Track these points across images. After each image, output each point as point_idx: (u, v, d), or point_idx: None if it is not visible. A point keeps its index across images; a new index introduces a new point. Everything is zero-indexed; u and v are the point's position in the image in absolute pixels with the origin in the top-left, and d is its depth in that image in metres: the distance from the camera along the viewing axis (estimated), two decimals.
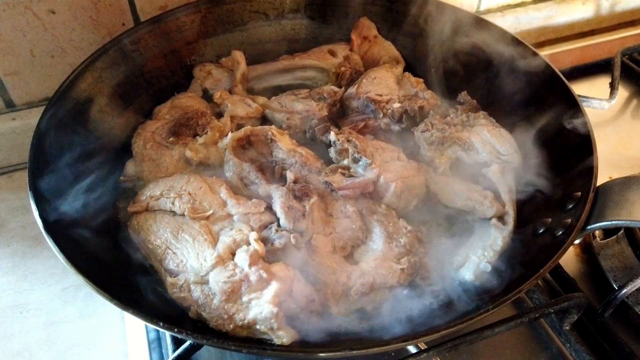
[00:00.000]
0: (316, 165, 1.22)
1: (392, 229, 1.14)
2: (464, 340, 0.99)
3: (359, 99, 1.40)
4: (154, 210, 1.15)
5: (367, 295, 1.05)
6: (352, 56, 1.54)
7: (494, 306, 0.91)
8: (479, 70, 1.45)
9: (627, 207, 1.02)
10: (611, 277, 1.23)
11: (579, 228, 1.02)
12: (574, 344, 1.13)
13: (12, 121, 1.51)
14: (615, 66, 1.71)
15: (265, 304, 0.94)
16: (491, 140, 1.30)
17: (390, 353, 1.10)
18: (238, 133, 1.25)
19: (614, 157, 1.57)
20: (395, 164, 1.24)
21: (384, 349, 0.88)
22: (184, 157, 1.26)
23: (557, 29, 2.08)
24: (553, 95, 1.31)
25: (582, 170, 1.13)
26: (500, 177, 1.23)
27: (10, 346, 1.18)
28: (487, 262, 1.10)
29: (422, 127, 1.33)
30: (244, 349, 0.87)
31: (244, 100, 1.40)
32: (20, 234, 1.40)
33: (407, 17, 1.57)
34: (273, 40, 1.60)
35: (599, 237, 1.32)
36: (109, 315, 1.23)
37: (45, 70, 1.50)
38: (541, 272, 0.95)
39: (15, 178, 1.54)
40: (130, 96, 1.36)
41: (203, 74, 1.49)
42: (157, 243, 1.09)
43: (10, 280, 1.30)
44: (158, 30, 1.43)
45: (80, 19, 1.45)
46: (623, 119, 1.73)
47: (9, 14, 1.38)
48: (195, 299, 0.99)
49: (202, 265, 1.03)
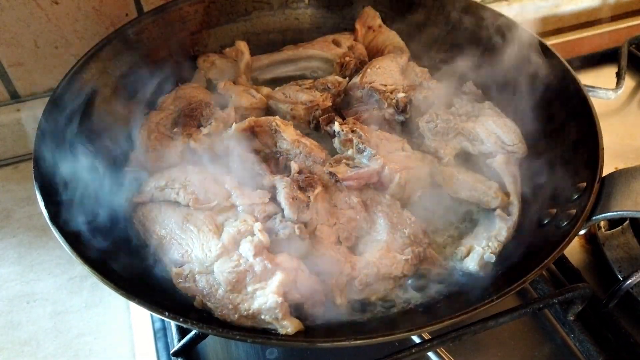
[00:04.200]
0: (320, 156, 1.22)
1: (396, 220, 1.14)
2: (468, 331, 0.99)
3: (363, 89, 1.39)
4: (159, 201, 1.15)
5: (371, 285, 1.06)
6: (357, 46, 1.53)
7: (498, 296, 0.91)
8: (484, 60, 1.44)
9: (633, 197, 1.02)
10: (616, 268, 1.23)
11: (584, 219, 1.01)
12: (578, 334, 1.13)
13: (17, 112, 1.51)
14: (622, 56, 1.69)
15: (270, 294, 0.94)
16: (496, 131, 1.29)
17: (394, 343, 1.10)
18: (242, 124, 1.25)
19: (620, 148, 1.57)
20: (400, 154, 1.23)
21: (388, 339, 0.88)
22: (189, 147, 1.26)
23: (564, 17, 2.06)
24: (559, 85, 1.30)
25: (587, 160, 1.13)
26: (505, 167, 1.22)
27: (17, 335, 1.19)
28: (492, 252, 1.10)
29: (426, 118, 1.32)
30: (248, 339, 0.88)
31: (248, 90, 1.40)
32: (26, 225, 1.40)
33: (412, 6, 1.56)
34: (277, 30, 1.59)
35: (604, 228, 1.32)
36: (115, 305, 1.24)
37: (50, 61, 1.50)
38: (546, 262, 0.95)
39: (20, 169, 1.55)
40: (134, 87, 1.36)
41: (207, 64, 1.48)
42: (161, 233, 1.09)
43: (16, 270, 1.31)
44: (161, 20, 1.42)
45: (83, 10, 1.45)
46: (629, 109, 1.72)
47: (13, 4, 1.37)
48: (200, 289, 1.00)
49: (207, 255, 1.03)
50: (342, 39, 1.55)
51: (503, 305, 0.98)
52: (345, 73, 1.49)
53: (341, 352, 1.10)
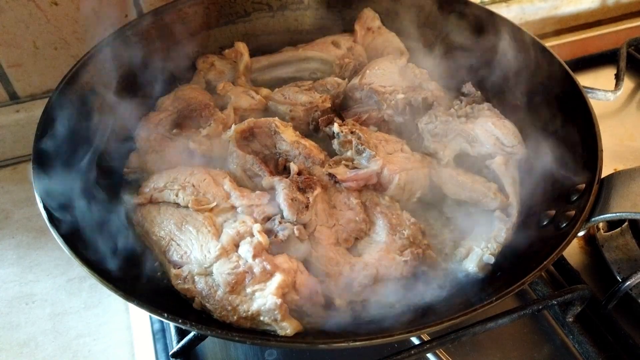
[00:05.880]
0: (320, 157, 1.22)
1: (395, 221, 1.14)
2: (467, 332, 0.99)
3: (362, 90, 1.40)
4: (158, 202, 1.15)
5: (371, 287, 1.06)
6: (356, 47, 1.53)
7: (497, 298, 0.91)
8: (483, 61, 1.44)
9: (632, 199, 1.02)
10: (615, 269, 1.23)
11: (583, 220, 1.01)
12: (577, 335, 1.13)
13: (16, 113, 1.51)
14: (620, 57, 1.69)
15: (269, 295, 0.94)
16: (495, 132, 1.29)
17: (393, 344, 1.11)
18: (241, 125, 1.25)
19: (619, 149, 1.57)
20: (399, 155, 1.23)
21: (387, 340, 0.88)
22: (188, 148, 1.26)
23: (563, 19, 2.06)
24: (558, 86, 1.30)
25: (586, 162, 1.13)
26: (504, 169, 1.22)
27: (16, 336, 1.19)
28: (491, 253, 1.10)
29: (425, 119, 1.32)
30: (247, 340, 0.88)
31: (247, 92, 1.40)
32: (25, 226, 1.40)
33: (411, 8, 1.56)
34: (276, 32, 1.60)
35: (603, 229, 1.32)
36: (114, 306, 1.24)
37: (49, 62, 1.50)
38: (545, 264, 0.95)
39: (19, 170, 1.55)
40: (133, 88, 1.36)
41: (206, 65, 1.48)
42: (161, 235, 1.09)
43: (15, 271, 1.31)
44: (161, 21, 1.42)
45: (83, 11, 1.45)
46: (628, 110, 1.72)
47: (12, 5, 1.37)
48: (199, 290, 1.00)
49: (206, 256, 1.03)
50: (342, 41, 1.55)
51: (502, 306, 0.98)
52: (344, 74, 1.49)
53: (340, 353, 1.10)
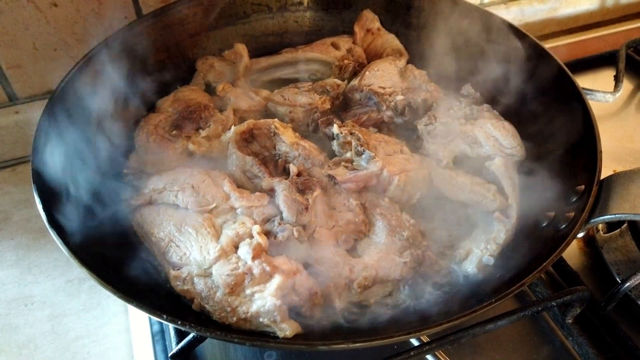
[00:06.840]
0: (319, 158, 1.22)
1: (395, 222, 1.14)
2: (467, 334, 0.99)
3: (361, 92, 1.40)
4: (157, 203, 1.15)
5: (370, 288, 1.06)
6: (355, 49, 1.54)
7: (496, 299, 0.91)
8: (482, 63, 1.44)
9: (631, 200, 1.02)
10: (614, 271, 1.23)
11: (582, 221, 1.01)
12: (576, 337, 1.13)
13: (16, 114, 1.51)
14: (620, 59, 1.70)
15: (268, 296, 0.94)
16: (495, 134, 1.29)
17: (392, 346, 1.11)
18: (241, 126, 1.25)
19: (618, 150, 1.57)
20: (399, 157, 1.23)
21: (387, 342, 0.88)
22: (187, 150, 1.26)
23: (562, 21, 2.07)
24: (557, 88, 1.30)
25: (585, 163, 1.13)
26: (503, 170, 1.22)
27: (15, 338, 1.19)
28: (490, 255, 1.10)
29: (425, 120, 1.32)
30: (246, 342, 0.88)
31: (247, 93, 1.40)
32: (24, 227, 1.40)
33: (411, 9, 1.56)
34: (276, 33, 1.60)
35: (602, 231, 1.32)
36: (113, 308, 1.24)
37: (48, 64, 1.50)
38: (544, 265, 0.95)
39: (18, 171, 1.55)
40: (133, 89, 1.36)
41: (206, 67, 1.48)
42: (160, 236, 1.09)
43: (14, 273, 1.31)
44: (160, 23, 1.43)
45: (82, 12, 1.45)
46: (627, 112, 1.72)
47: (12, 7, 1.38)
48: (199, 292, 1.00)
49: (205, 258, 1.03)
50: (341, 42, 1.55)
51: (502, 308, 0.98)
52: (344, 76, 1.49)
53: (339, 355, 1.09)
